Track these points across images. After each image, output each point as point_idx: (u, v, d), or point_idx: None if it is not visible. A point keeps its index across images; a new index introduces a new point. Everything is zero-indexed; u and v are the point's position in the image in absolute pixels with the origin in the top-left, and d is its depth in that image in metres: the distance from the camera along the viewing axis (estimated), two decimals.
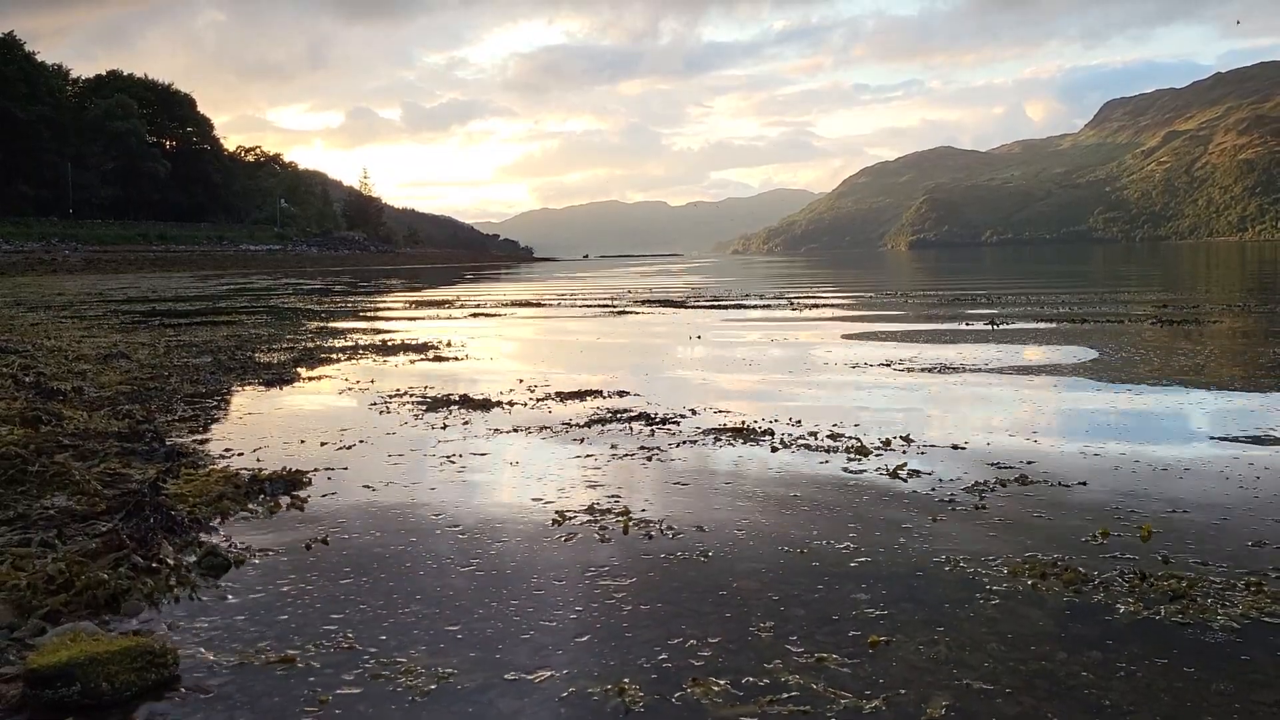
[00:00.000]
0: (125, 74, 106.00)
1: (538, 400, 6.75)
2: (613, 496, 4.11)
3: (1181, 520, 3.66)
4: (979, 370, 8.08)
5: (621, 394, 7.00)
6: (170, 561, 3.18)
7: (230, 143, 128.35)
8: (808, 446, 5.07)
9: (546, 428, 5.70)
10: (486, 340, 11.89)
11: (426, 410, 6.36)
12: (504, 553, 3.38)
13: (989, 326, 12.16)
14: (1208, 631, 2.62)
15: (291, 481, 4.32)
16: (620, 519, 3.74)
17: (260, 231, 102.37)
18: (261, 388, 7.55)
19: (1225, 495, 4.01)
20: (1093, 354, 9.09)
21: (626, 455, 4.93)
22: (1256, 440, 5.08)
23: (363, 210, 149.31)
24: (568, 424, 5.81)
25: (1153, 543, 3.38)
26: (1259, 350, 9.29)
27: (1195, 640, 2.57)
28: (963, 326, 12.41)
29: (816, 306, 17.43)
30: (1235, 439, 5.13)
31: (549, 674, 2.41)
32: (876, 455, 4.84)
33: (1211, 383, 7.13)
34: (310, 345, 10.93)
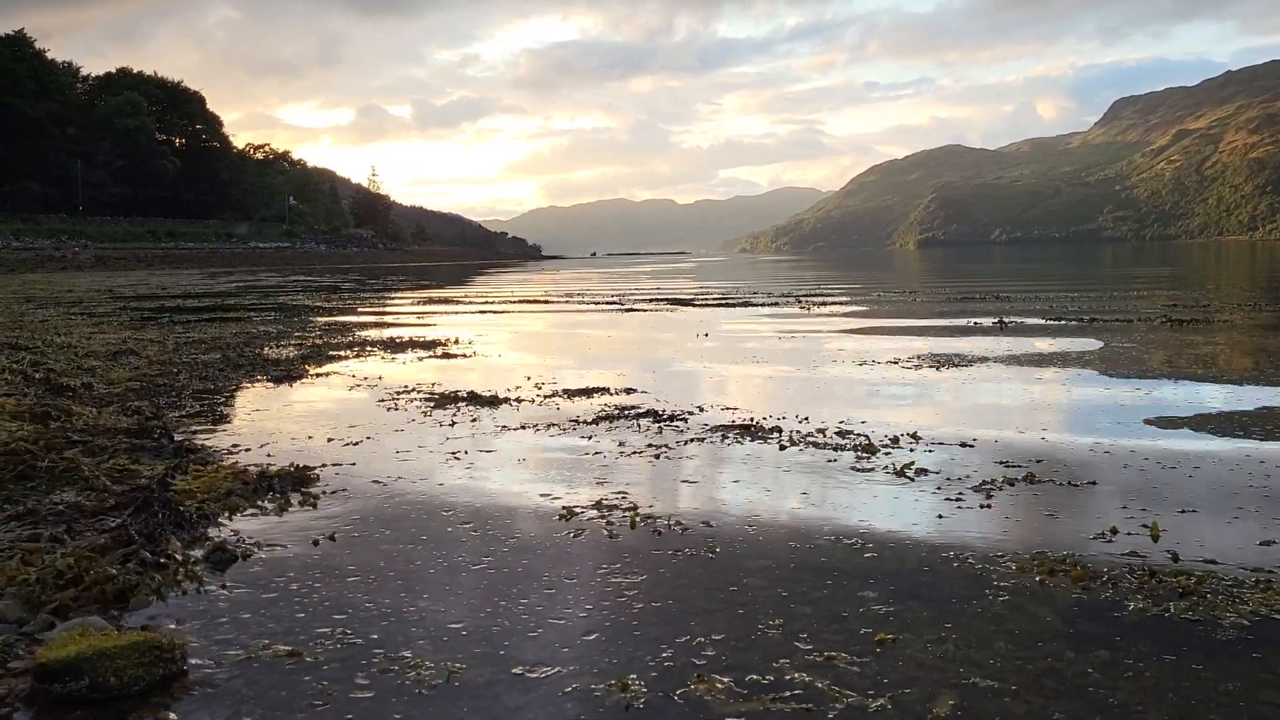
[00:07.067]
0: (135, 71, 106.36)
1: (546, 397, 6.75)
2: (620, 493, 4.10)
3: (1191, 518, 3.65)
4: (988, 367, 8.06)
5: (629, 391, 7.00)
6: (178, 557, 3.19)
7: (239, 140, 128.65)
8: (815, 444, 5.06)
9: (554, 424, 5.71)
10: (494, 337, 11.90)
11: (435, 407, 6.37)
12: (511, 549, 3.38)
13: (997, 324, 12.13)
14: (1217, 629, 2.60)
15: (300, 478, 4.33)
16: (628, 515, 3.74)
17: (269, 229, 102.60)
18: (270, 384, 7.57)
19: (1235, 493, 3.99)
20: (1102, 352, 9.06)
21: (634, 452, 4.93)
22: (1266, 438, 5.06)
23: (371, 208, 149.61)
24: (576, 421, 5.82)
25: (1162, 540, 3.37)
26: (1269, 349, 9.25)
27: (1204, 638, 2.55)
28: (971, 324, 12.38)
29: (824, 304, 17.41)
30: (1245, 436, 5.10)
31: (555, 670, 2.41)
32: (885, 453, 4.82)
33: (1221, 381, 7.10)
34: (318, 342, 10.96)
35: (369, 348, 10.34)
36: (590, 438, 5.33)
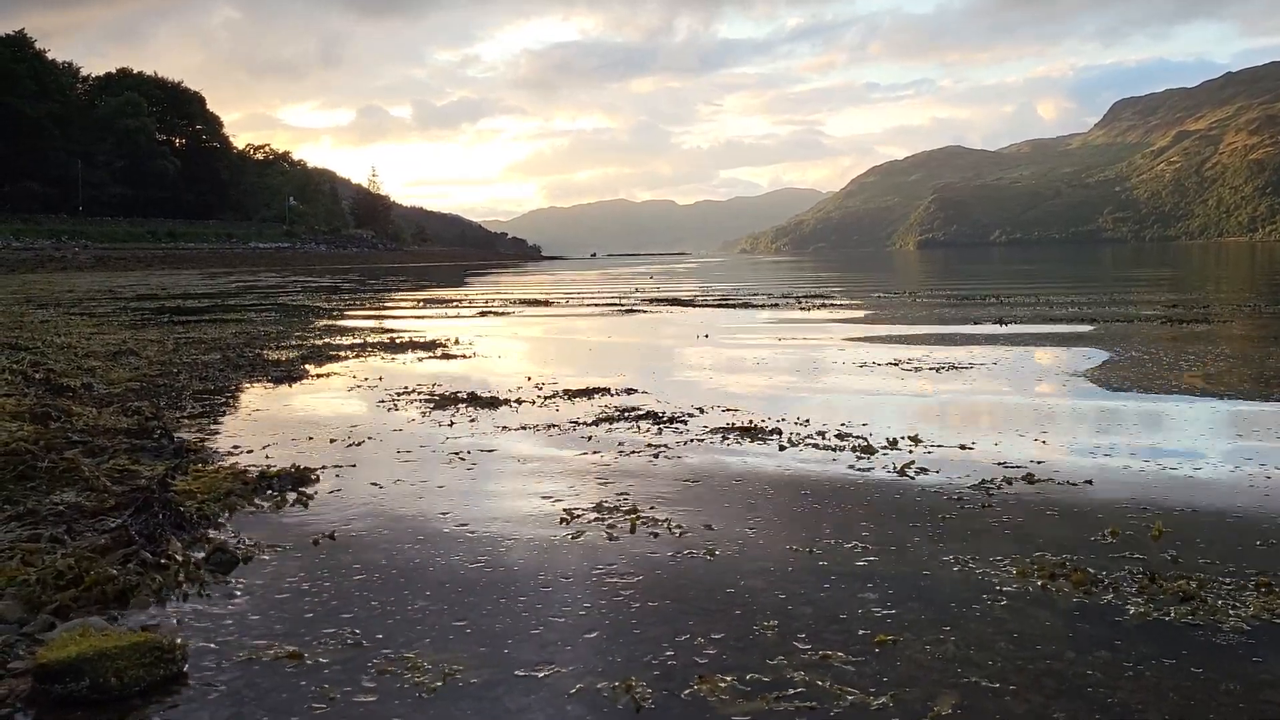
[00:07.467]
0: (135, 72, 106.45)
1: (546, 398, 6.75)
2: (621, 495, 4.11)
3: (1192, 521, 3.65)
4: (987, 370, 8.06)
5: (629, 392, 7.00)
6: (179, 558, 3.19)
7: (240, 140, 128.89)
8: (815, 446, 5.07)
9: (554, 426, 5.71)
10: (494, 339, 11.90)
11: (434, 408, 6.37)
12: (512, 550, 3.38)
13: (997, 327, 12.13)
14: (1217, 632, 2.60)
15: (300, 478, 4.33)
16: (628, 517, 3.74)
17: (269, 229, 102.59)
18: (270, 385, 7.57)
19: (1236, 496, 3.99)
20: (1102, 355, 9.06)
21: (634, 453, 4.93)
22: (1267, 441, 5.06)
23: (371, 208, 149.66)
24: (575, 422, 5.81)
25: (1163, 543, 3.37)
26: (1269, 352, 9.25)
27: (1205, 641, 2.55)
28: (971, 327, 12.38)
29: (824, 306, 17.41)
30: (1245, 440, 5.10)
31: (556, 670, 2.41)
32: (884, 454, 4.83)
33: (1221, 383, 7.10)
34: (318, 343, 10.96)
35: (369, 348, 10.34)
36: (590, 439, 5.33)
